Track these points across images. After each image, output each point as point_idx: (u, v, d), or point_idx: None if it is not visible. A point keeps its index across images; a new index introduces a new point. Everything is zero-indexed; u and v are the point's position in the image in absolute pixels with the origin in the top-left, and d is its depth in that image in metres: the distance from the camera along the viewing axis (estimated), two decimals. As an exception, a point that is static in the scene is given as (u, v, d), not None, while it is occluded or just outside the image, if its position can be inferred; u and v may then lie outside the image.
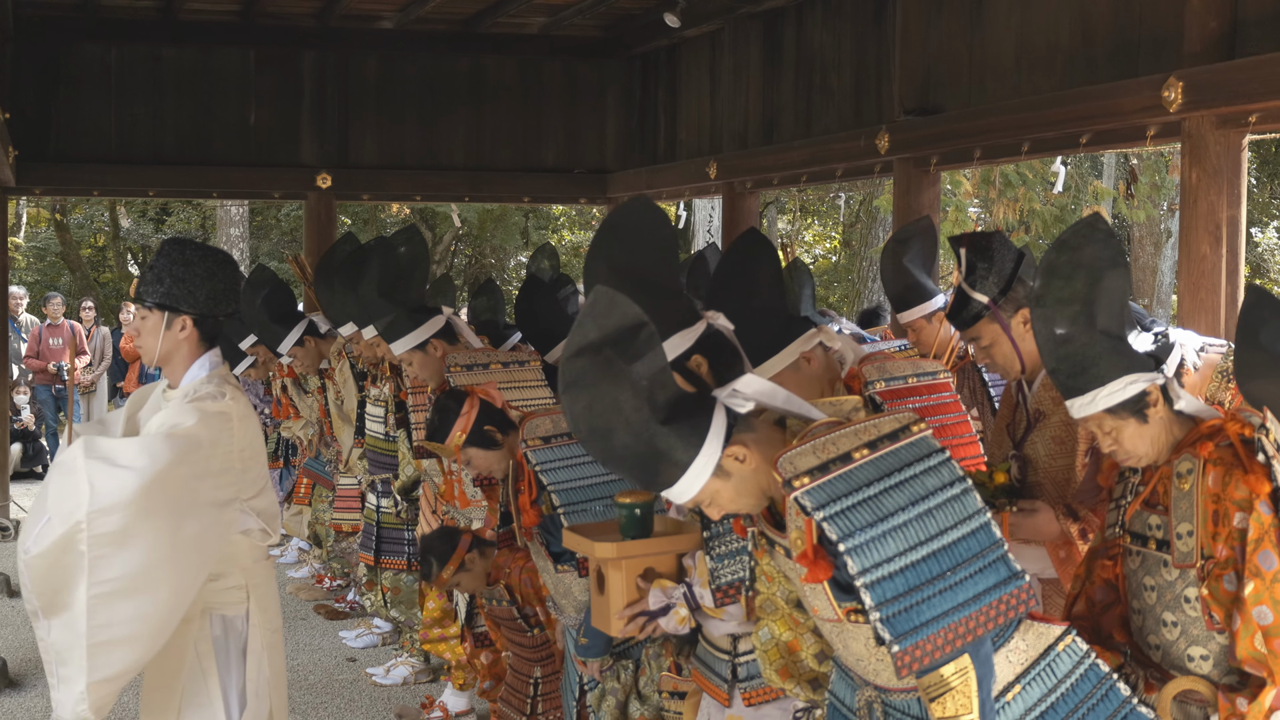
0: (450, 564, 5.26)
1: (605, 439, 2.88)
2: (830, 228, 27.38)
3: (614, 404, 2.85)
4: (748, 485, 2.99)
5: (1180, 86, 6.03)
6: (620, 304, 2.91)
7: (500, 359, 5.93)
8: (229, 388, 4.29)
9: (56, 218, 26.23)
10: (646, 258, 3.79)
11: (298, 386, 8.64)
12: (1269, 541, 3.06)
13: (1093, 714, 2.97)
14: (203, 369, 4.29)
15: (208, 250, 4.34)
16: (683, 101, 11.44)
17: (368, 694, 7.32)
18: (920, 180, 8.34)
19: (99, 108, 11.37)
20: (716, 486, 2.97)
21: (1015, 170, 15.46)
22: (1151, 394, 3.24)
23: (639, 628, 3.73)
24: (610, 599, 3.71)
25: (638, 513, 3.70)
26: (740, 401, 3.01)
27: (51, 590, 3.95)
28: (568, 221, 27.49)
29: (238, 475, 4.21)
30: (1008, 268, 4.19)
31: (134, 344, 4.37)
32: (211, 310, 4.27)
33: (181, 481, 4.04)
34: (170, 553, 4.01)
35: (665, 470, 2.92)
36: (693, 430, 2.91)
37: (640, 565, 3.72)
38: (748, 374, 3.12)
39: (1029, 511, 4.04)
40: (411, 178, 12.09)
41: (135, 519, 3.93)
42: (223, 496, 4.18)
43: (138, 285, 4.33)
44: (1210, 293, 6.06)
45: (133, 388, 16.69)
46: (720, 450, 2.93)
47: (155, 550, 3.98)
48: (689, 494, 2.96)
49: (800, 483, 2.80)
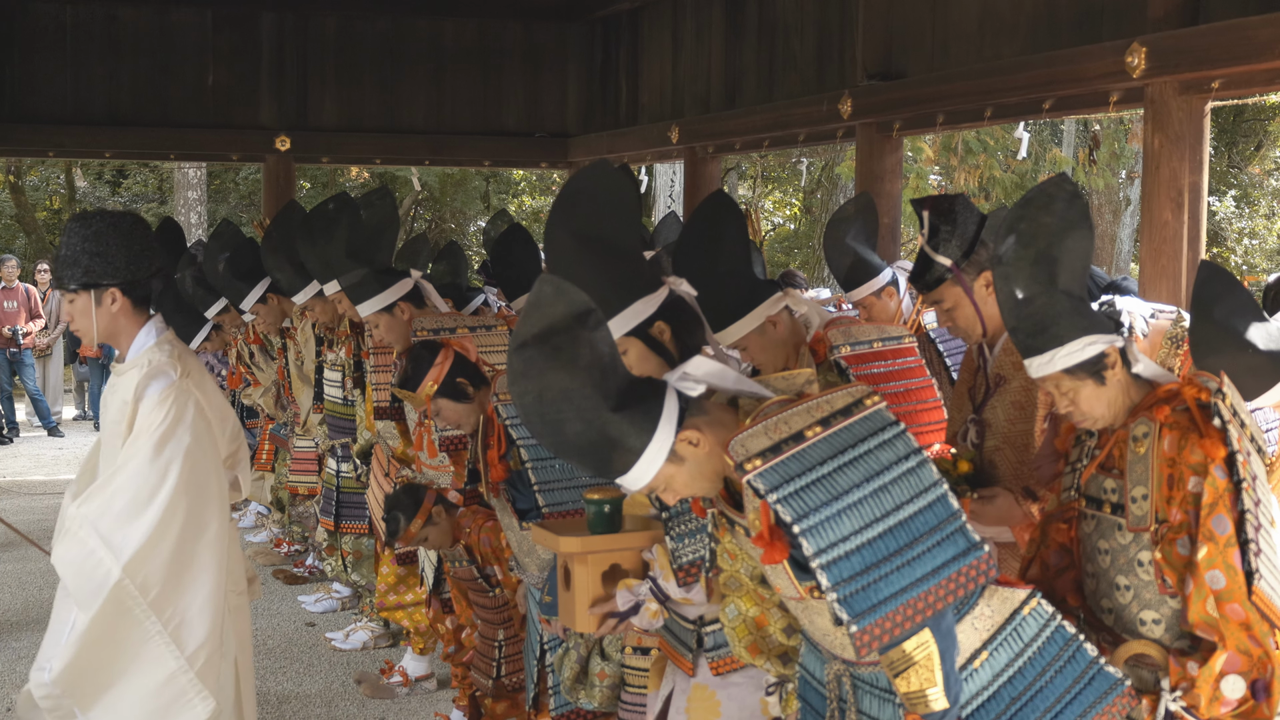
0: (418, 517, 5.26)
1: (557, 429, 2.86)
2: (791, 194, 27.39)
3: (564, 393, 2.83)
4: (702, 469, 2.97)
5: (1144, 52, 6.03)
6: (566, 291, 2.89)
7: (466, 323, 5.92)
8: (178, 350, 4.30)
9: (11, 179, 25.96)
10: (609, 223, 3.76)
11: (264, 352, 8.60)
12: (1223, 506, 3.07)
13: (1060, 675, 2.98)
14: (149, 336, 4.28)
15: (113, 216, 4.30)
16: (644, 65, 11.38)
17: (327, 658, 7.30)
18: (883, 145, 8.33)
19: (54, 68, 11.22)
20: (671, 472, 2.95)
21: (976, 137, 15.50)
22: (1110, 356, 3.25)
23: (611, 628, 3.71)
24: (576, 594, 3.69)
25: (606, 509, 3.68)
26: (690, 385, 2.99)
27: (107, 667, 4.11)
28: (528, 187, 27.41)
29: (217, 438, 4.31)
30: (970, 230, 4.18)
31: (74, 329, 4.35)
32: (135, 275, 4.24)
33: (187, 490, 4.14)
34: (209, 552, 4.18)
35: (618, 458, 2.90)
36: (645, 416, 2.89)
37: (605, 561, 3.70)
38: (697, 356, 3.09)
39: (989, 499, 4.05)
40: (371, 140, 12.02)
41: (166, 547, 4.08)
42: (221, 476, 4.30)
43: (54, 272, 4.30)
44: (1171, 259, 6.08)
45: (89, 352, 16.58)
46: (673, 435, 2.91)
47: (195, 560, 4.15)
48: (643, 480, 2.94)
49: (752, 465, 2.78)
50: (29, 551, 9.88)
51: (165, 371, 4.20)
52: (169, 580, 4.11)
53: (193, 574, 4.15)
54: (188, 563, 4.14)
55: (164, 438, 4.12)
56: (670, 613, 3.82)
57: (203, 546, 4.17)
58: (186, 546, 4.13)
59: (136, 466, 4.11)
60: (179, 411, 4.14)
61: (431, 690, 6.76)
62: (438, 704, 6.54)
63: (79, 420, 17.22)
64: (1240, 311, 3.63)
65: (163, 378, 4.18)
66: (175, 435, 4.13)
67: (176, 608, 4.12)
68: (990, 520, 4.03)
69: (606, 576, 3.71)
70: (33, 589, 8.88)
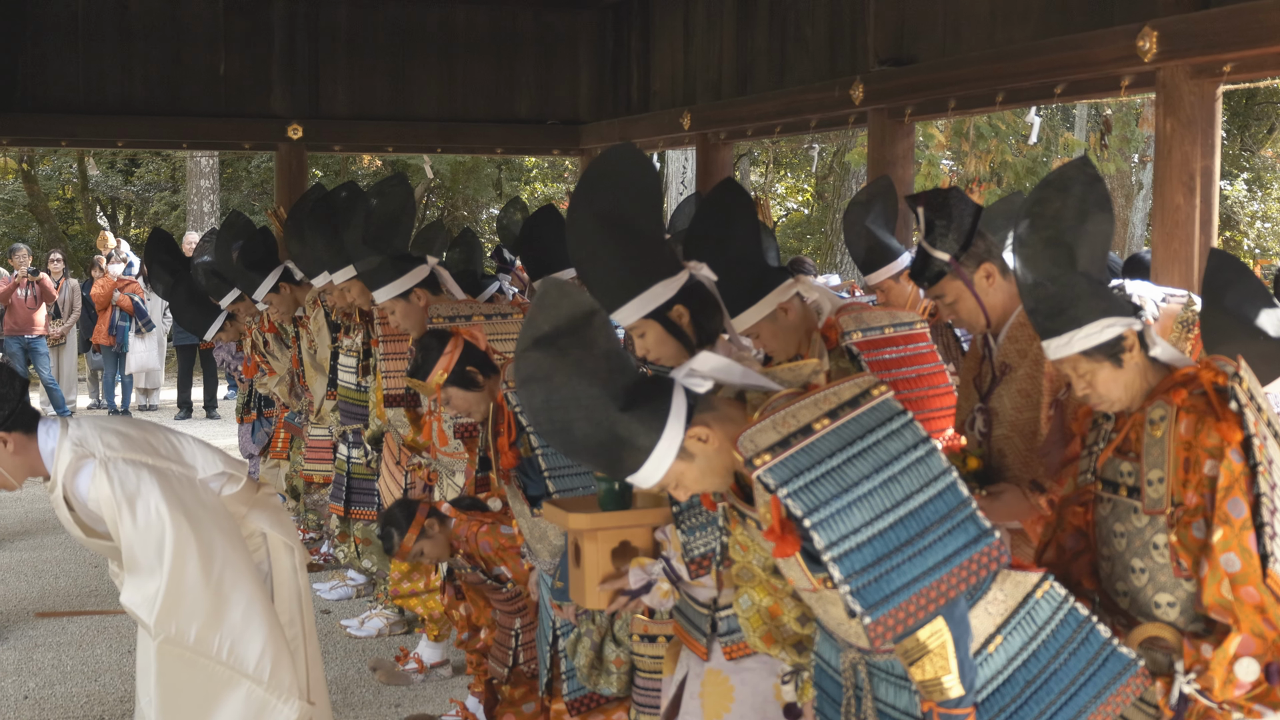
0: (410, 531, 5.27)
1: (566, 431, 2.88)
2: (803, 180, 27.36)
3: (572, 395, 2.85)
4: (712, 465, 2.98)
5: (1155, 36, 6.03)
6: (570, 293, 2.90)
7: (483, 310, 5.93)
8: (80, 431, 4.27)
9: (24, 169, 26.01)
10: (629, 205, 3.77)
11: (279, 341, 8.61)
12: (1239, 489, 3.07)
13: (1074, 658, 2.99)
14: (48, 441, 4.24)
15: None
16: (656, 52, 11.38)
17: (343, 646, 7.33)
18: (894, 131, 8.32)
19: (67, 57, 11.23)
20: (681, 469, 2.96)
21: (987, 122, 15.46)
22: (1128, 339, 3.24)
23: (622, 605, 3.72)
24: (585, 571, 3.70)
25: (616, 486, 3.69)
26: (698, 381, 2.99)
27: (194, 712, 4.29)
28: (540, 174, 27.39)
29: (175, 464, 4.36)
30: (966, 223, 4.17)
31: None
32: (2, 411, 4.18)
33: (182, 524, 4.20)
34: (230, 570, 4.28)
35: (629, 457, 2.91)
36: (653, 414, 2.90)
37: (615, 538, 3.71)
38: (704, 351, 3.10)
39: (997, 494, 4.06)
40: (383, 128, 12.01)
41: (188, 588, 4.18)
42: (197, 489, 4.34)
43: None
44: (1184, 243, 6.08)
45: (103, 340, 16.63)
46: (682, 432, 2.93)
47: (221, 583, 4.25)
48: (654, 478, 2.95)
49: (761, 460, 2.79)
50: (44, 540, 9.94)
51: (83, 459, 4.21)
52: (202, 615, 4.22)
53: (223, 595, 4.25)
54: (215, 588, 4.24)
55: (130, 498, 4.16)
56: (683, 596, 3.83)
57: (220, 567, 4.25)
58: (208, 576, 4.22)
59: (129, 539, 4.18)
60: (122, 472, 4.18)
61: (447, 677, 6.78)
62: (453, 690, 6.56)
63: (93, 409, 17.27)
64: (1251, 299, 3.64)
65: (84, 465, 4.21)
66: (140, 491, 4.18)
67: (221, 634, 4.24)
68: (1000, 516, 4.02)
69: (617, 554, 3.72)
70: (48, 577, 8.92)
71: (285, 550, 4.67)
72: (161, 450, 4.35)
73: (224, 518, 4.38)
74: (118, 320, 16.70)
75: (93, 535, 4.33)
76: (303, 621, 4.67)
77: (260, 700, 4.27)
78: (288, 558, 4.68)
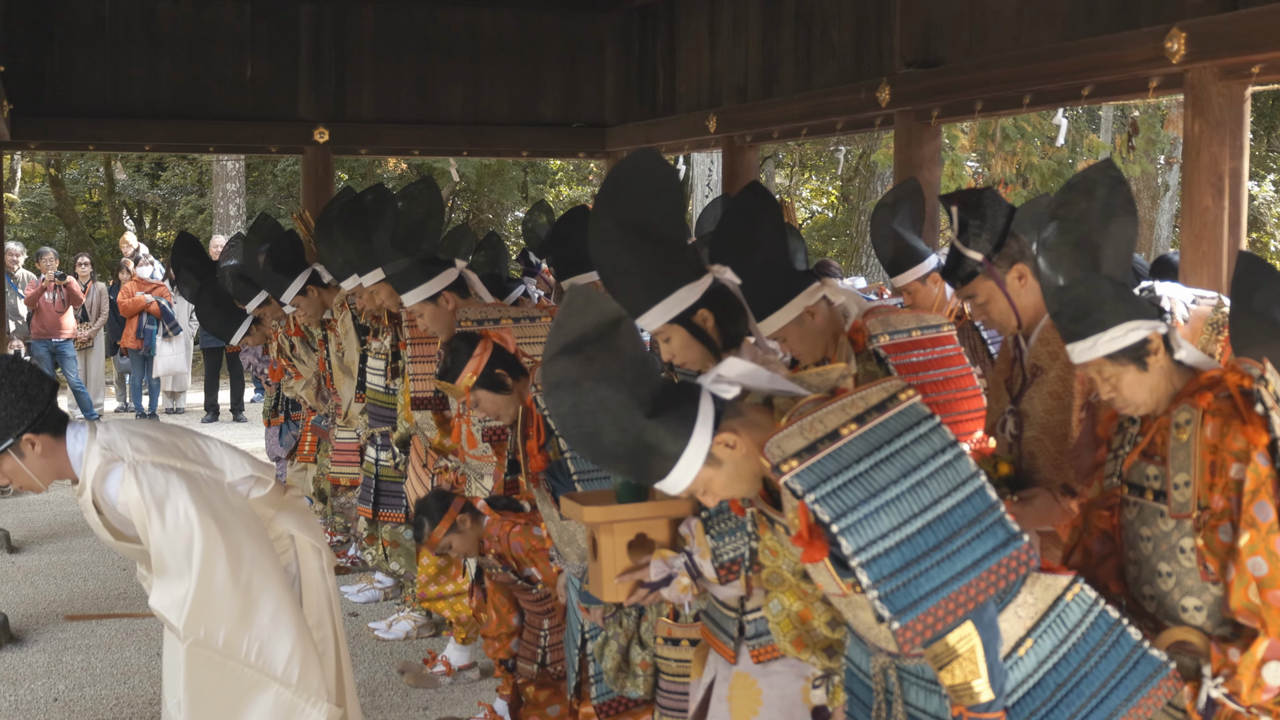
0: (442, 523, 5.27)
1: (594, 438, 2.89)
2: (828, 182, 27.34)
3: (600, 402, 2.85)
4: (740, 470, 2.99)
5: (1183, 37, 6.01)
6: (597, 300, 2.91)
7: (510, 314, 5.94)
8: (109, 435, 4.27)
9: (51, 173, 26.15)
10: (653, 210, 3.78)
11: (306, 344, 8.64)
12: (1265, 493, 3.05)
13: (1105, 661, 2.98)
14: (78, 443, 4.24)
15: None
16: (681, 54, 11.38)
17: (370, 649, 7.35)
18: (921, 133, 8.31)
19: (94, 61, 11.29)
20: (709, 475, 2.97)
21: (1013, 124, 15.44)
22: (1153, 342, 3.23)
23: (641, 598, 3.72)
24: (602, 564, 3.70)
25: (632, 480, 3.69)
26: (725, 387, 3.00)
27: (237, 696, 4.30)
28: (565, 177, 27.42)
29: (203, 467, 4.37)
30: (1000, 224, 4.17)
31: (18, 488, 4.30)
32: (31, 413, 4.15)
33: (207, 526, 4.21)
34: (259, 574, 4.30)
35: (656, 463, 2.92)
36: (680, 421, 2.91)
37: (631, 530, 3.71)
38: (730, 357, 3.10)
39: (1028, 499, 4.05)
40: (409, 131, 12.04)
41: (216, 590, 4.20)
42: (224, 492, 4.36)
43: None
44: (1212, 245, 6.06)
45: (130, 343, 16.70)
46: (710, 439, 2.93)
47: (250, 586, 4.27)
48: (682, 484, 2.96)
49: (789, 466, 2.79)
50: (73, 542, 9.99)
51: (112, 462, 4.22)
52: (231, 618, 4.24)
53: (251, 598, 4.27)
54: (243, 591, 4.25)
55: (159, 501, 4.18)
56: (710, 598, 3.83)
57: (248, 570, 4.27)
58: (237, 579, 4.24)
59: (158, 542, 4.20)
60: (150, 476, 4.20)
61: (474, 680, 6.80)
62: (481, 693, 6.57)
63: (120, 412, 17.34)
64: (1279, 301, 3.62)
65: (113, 468, 4.21)
66: (169, 494, 4.19)
67: (250, 637, 4.25)
68: (1031, 522, 4.01)
69: (633, 546, 3.72)
70: (77, 580, 8.96)
71: (313, 553, 4.69)
72: (189, 454, 4.37)
73: (252, 521, 4.40)
74: (145, 324, 16.77)
75: (121, 539, 4.35)
76: (332, 624, 4.70)
77: (289, 703, 4.29)
78: (315, 560, 4.70)
